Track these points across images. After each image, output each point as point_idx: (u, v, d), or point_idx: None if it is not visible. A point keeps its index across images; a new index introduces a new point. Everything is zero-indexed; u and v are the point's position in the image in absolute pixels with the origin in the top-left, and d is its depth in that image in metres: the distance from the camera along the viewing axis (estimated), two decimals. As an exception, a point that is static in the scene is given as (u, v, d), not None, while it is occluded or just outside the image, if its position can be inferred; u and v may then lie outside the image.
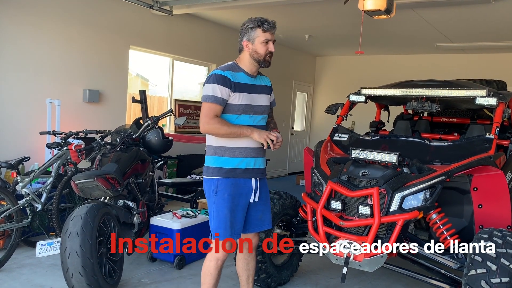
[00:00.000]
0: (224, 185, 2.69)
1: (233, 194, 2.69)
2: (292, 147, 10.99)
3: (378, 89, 4.09)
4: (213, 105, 2.62)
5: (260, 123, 2.79)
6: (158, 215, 4.27)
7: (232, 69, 2.71)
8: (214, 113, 2.62)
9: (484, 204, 3.19)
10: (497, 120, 3.49)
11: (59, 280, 3.57)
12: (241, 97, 2.68)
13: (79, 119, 5.92)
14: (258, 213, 2.83)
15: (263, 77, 2.90)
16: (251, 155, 2.73)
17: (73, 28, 5.80)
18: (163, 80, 7.64)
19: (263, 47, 2.69)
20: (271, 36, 2.70)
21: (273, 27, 2.70)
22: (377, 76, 9.89)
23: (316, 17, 7.08)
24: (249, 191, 2.76)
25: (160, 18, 6.97)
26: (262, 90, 2.81)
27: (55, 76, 5.68)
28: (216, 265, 2.76)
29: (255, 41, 2.69)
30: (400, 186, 2.97)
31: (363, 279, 4.08)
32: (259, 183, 2.81)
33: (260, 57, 2.70)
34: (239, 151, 2.71)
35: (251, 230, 2.84)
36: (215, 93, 2.61)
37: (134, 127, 4.53)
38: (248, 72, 2.75)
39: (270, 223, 2.88)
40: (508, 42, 7.79)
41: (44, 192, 4.32)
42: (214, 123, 2.61)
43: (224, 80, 2.63)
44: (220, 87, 2.62)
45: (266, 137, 2.63)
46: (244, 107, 2.69)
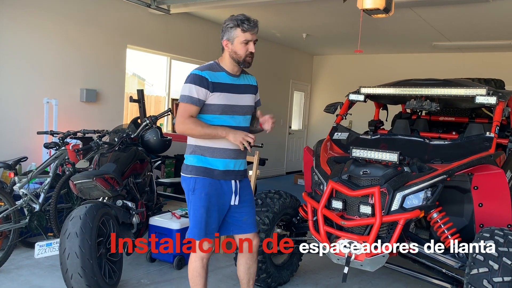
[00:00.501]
0: (201, 184, 2.67)
1: (210, 194, 2.66)
2: (290, 147, 10.98)
3: (377, 88, 4.09)
4: (188, 106, 2.59)
5: (243, 124, 2.73)
6: (157, 215, 4.25)
7: (212, 69, 2.67)
8: (189, 114, 2.60)
9: (484, 203, 3.19)
10: (497, 119, 3.49)
11: (58, 281, 3.54)
12: (220, 97, 2.63)
13: (77, 118, 5.89)
14: (243, 215, 2.78)
15: (248, 76, 2.84)
16: (231, 157, 2.68)
17: (70, 27, 5.76)
18: (160, 79, 7.61)
19: (242, 47, 2.62)
20: (252, 36, 2.63)
21: (253, 26, 2.62)
22: (374, 75, 9.90)
23: (313, 16, 7.07)
24: (228, 193, 2.71)
25: (157, 17, 6.94)
26: (245, 90, 2.76)
27: (52, 75, 5.64)
28: (202, 264, 2.74)
29: (234, 41, 2.63)
30: (401, 185, 2.97)
31: (363, 278, 4.07)
32: (240, 185, 2.76)
33: (239, 58, 2.65)
34: (218, 151, 2.66)
35: (235, 232, 2.81)
36: (191, 94, 2.59)
37: (132, 127, 4.50)
38: (229, 72, 2.70)
39: (255, 226, 2.84)
40: (505, 41, 7.81)
41: (42, 192, 4.29)
42: (188, 123, 2.59)
43: (201, 80, 2.59)
44: (196, 87, 2.58)
45: (242, 139, 2.56)
46: (223, 107, 2.64)
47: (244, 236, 2.82)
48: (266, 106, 2.95)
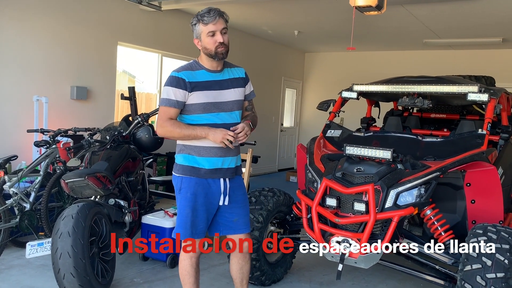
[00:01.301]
0: (187, 184, 2.65)
1: (197, 193, 2.63)
2: (282, 144, 10.99)
3: (370, 85, 4.09)
4: (166, 108, 2.58)
5: (229, 120, 2.66)
6: (149, 213, 4.22)
7: (190, 68, 2.64)
8: (167, 116, 2.58)
9: (477, 200, 3.21)
10: (489, 116, 3.52)
11: (50, 281, 3.51)
12: (201, 96, 2.59)
13: (67, 116, 5.83)
14: (233, 216, 2.74)
15: (234, 69, 2.77)
16: (217, 155, 2.63)
17: (59, 23, 5.69)
18: (151, 76, 7.55)
19: (210, 40, 2.56)
20: (216, 27, 2.55)
21: (214, 16, 2.54)
22: (366, 73, 9.93)
23: (305, 13, 7.06)
24: (217, 193, 2.67)
25: (148, 13, 6.88)
26: (230, 85, 2.70)
27: (42, 73, 5.57)
28: (191, 262, 2.72)
29: (201, 36, 2.60)
30: (395, 183, 2.98)
31: (356, 275, 4.09)
32: (231, 185, 2.71)
33: (210, 51, 2.59)
34: (205, 150, 2.62)
35: (225, 233, 2.78)
36: (168, 96, 2.57)
37: (124, 125, 4.46)
38: (209, 69, 2.66)
39: (247, 227, 2.79)
40: (495, 38, 7.87)
41: (32, 191, 4.24)
42: (166, 126, 2.57)
43: (178, 82, 2.57)
44: (173, 89, 2.56)
45: (222, 138, 2.52)
46: (204, 105, 2.60)
47: (235, 236, 2.78)
48: (258, 103, 2.93)
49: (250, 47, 9.04)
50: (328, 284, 3.88)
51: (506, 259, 2.54)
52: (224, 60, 2.69)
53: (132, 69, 7.49)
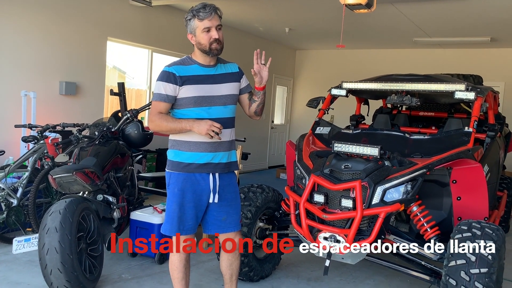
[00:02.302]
0: (175, 179, 2.66)
1: (184, 189, 2.64)
2: (272, 141, 11.00)
3: (359, 83, 4.12)
4: (157, 103, 2.61)
5: (222, 115, 2.66)
6: (138, 209, 4.21)
7: (182, 63, 2.66)
8: (157, 110, 2.60)
9: (462, 197, 3.26)
10: (475, 114, 3.56)
11: (37, 276, 3.49)
12: (192, 90, 2.60)
13: (56, 112, 5.78)
14: (222, 214, 2.72)
15: (227, 64, 2.79)
16: (207, 150, 2.63)
17: (48, 17, 5.64)
18: (141, 72, 7.51)
19: (204, 36, 2.57)
20: (211, 23, 2.56)
21: (210, 12, 2.54)
22: (356, 70, 9.97)
23: (296, 10, 7.07)
24: (206, 190, 2.66)
25: (138, 9, 6.84)
26: (224, 79, 2.71)
27: (30, 67, 5.52)
28: (180, 258, 2.73)
29: (196, 32, 2.60)
30: (382, 179, 3.01)
31: (344, 271, 4.12)
32: (221, 182, 2.69)
33: (204, 47, 2.60)
34: (195, 145, 2.63)
35: (213, 231, 2.77)
36: (159, 91, 2.60)
37: (113, 120, 4.44)
38: (202, 64, 2.67)
39: (236, 225, 2.78)
40: (483, 37, 7.95)
41: (20, 187, 4.21)
42: (155, 120, 2.60)
43: (168, 77, 2.59)
44: (164, 83, 2.59)
45: (207, 129, 2.49)
46: (195, 99, 2.60)
47: (225, 235, 2.78)
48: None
49: (241, 44, 9.02)
50: (316, 280, 3.91)
51: (489, 255, 2.58)
52: (217, 56, 2.70)
53: (122, 65, 7.45)
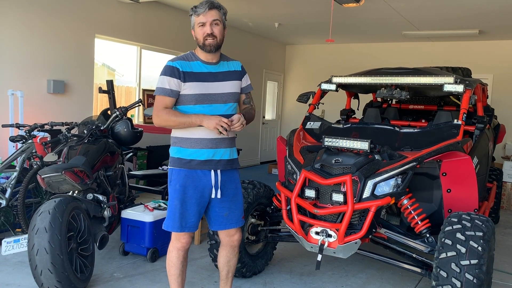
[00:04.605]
0: (176, 176, 2.65)
1: (186, 185, 2.63)
2: (264, 136, 11.00)
3: (348, 77, 4.12)
4: (161, 97, 2.60)
5: (224, 113, 2.65)
6: (129, 208, 4.18)
7: (186, 59, 2.65)
8: (163, 105, 2.60)
9: (452, 189, 3.27)
10: (464, 106, 3.58)
11: (27, 278, 3.46)
12: (194, 87, 2.60)
13: (44, 111, 5.72)
14: (224, 210, 2.72)
15: (230, 62, 2.79)
16: (208, 146, 2.63)
17: (34, 14, 5.56)
18: (130, 69, 7.45)
19: (199, 31, 2.59)
20: (206, 18, 2.57)
21: (204, 8, 2.57)
22: (346, 64, 10.01)
23: (285, 5, 7.05)
24: (208, 186, 2.65)
25: (126, 5, 6.78)
26: (225, 77, 2.71)
27: (17, 66, 5.44)
28: (177, 255, 2.72)
29: (194, 28, 2.63)
30: (372, 173, 3.01)
31: (336, 265, 4.13)
32: (223, 178, 2.69)
33: (199, 42, 2.62)
34: (196, 142, 2.63)
35: (215, 228, 2.77)
36: (163, 85, 2.59)
37: (102, 118, 4.41)
38: (204, 60, 2.67)
39: (239, 221, 2.77)
40: (471, 30, 8.00)
41: (8, 187, 4.16)
42: (162, 114, 2.58)
43: (172, 71, 2.58)
44: (168, 78, 2.58)
45: (216, 123, 2.50)
46: (197, 96, 2.60)
47: (227, 231, 2.78)
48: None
49: (230, 40, 8.97)
50: (309, 275, 3.92)
51: (479, 246, 2.60)
52: (220, 52, 2.71)
53: (111, 62, 7.39)
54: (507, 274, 4.12)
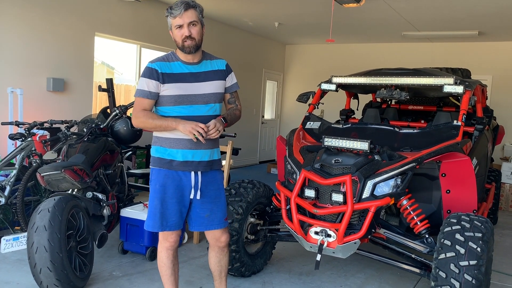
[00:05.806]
0: (156, 175, 2.64)
1: (166, 185, 2.62)
2: (263, 136, 11.00)
3: (348, 77, 4.12)
4: (140, 99, 2.59)
5: (203, 113, 2.62)
6: (128, 206, 4.18)
7: (166, 60, 2.62)
8: (141, 107, 2.58)
9: (452, 190, 3.28)
10: (464, 107, 3.58)
11: (26, 276, 3.45)
12: (173, 88, 2.57)
13: (44, 108, 5.72)
14: (204, 211, 2.69)
15: (213, 61, 2.73)
16: (187, 147, 2.60)
17: (34, 12, 5.55)
18: (130, 68, 7.45)
19: (177, 34, 2.55)
20: (182, 20, 2.51)
21: (180, 10, 2.50)
22: (345, 65, 10.01)
23: (286, 4, 7.05)
24: (188, 186, 2.64)
25: (126, 4, 6.77)
26: (207, 77, 2.66)
27: (17, 63, 5.44)
28: (167, 254, 2.73)
29: (172, 29, 2.59)
30: (372, 173, 3.02)
31: (334, 265, 4.14)
32: (204, 179, 2.66)
33: (178, 44, 2.59)
34: (176, 142, 2.61)
35: (195, 229, 2.75)
36: (142, 87, 2.58)
37: (102, 117, 4.40)
38: (184, 61, 2.63)
39: (221, 222, 2.73)
40: (471, 31, 8.01)
41: (7, 185, 4.15)
42: (140, 116, 2.58)
43: (151, 73, 2.56)
44: (146, 80, 2.56)
45: (192, 128, 2.47)
46: (176, 97, 2.57)
47: (211, 232, 2.76)
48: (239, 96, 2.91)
49: (230, 39, 8.99)
50: (307, 274, 3.92)
51: (478, 247, 2.61)
52: (201, 52, 2.67)
53: (111, 60, 7.38)
54: (505, 275, 4.13)
